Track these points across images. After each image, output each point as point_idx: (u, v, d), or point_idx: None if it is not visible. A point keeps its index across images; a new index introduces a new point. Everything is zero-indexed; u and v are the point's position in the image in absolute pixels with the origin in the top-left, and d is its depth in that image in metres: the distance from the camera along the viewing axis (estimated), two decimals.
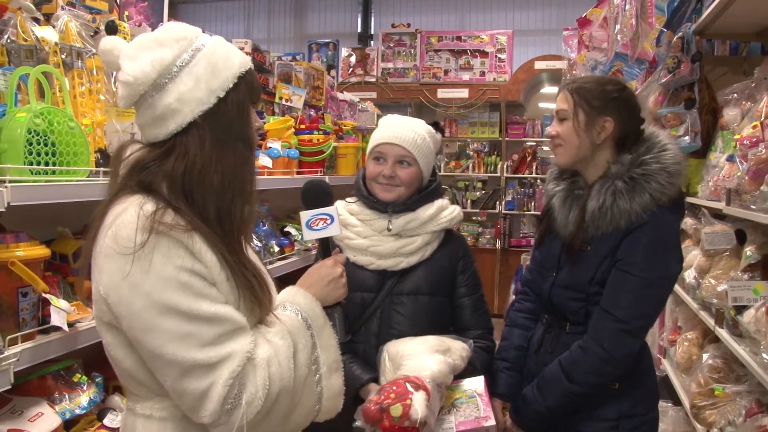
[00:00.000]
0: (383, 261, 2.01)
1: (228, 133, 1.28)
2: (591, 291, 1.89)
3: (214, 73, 1.26)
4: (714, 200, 2.55)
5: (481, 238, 7.86)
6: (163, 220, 1.18)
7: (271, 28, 9.79)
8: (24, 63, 1.83)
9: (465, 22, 8.85)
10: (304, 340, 1.34)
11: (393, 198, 2.03)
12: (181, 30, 1.30)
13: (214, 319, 1.19)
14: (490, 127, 7.88)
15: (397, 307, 2.01)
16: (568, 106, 1.93)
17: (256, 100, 1.38)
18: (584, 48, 4.34)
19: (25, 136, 1.55)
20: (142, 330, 1.18)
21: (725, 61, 3.41)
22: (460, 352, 1.90)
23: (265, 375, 1.22)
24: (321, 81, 4.46)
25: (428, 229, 2.03)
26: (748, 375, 2.12)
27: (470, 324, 2.09)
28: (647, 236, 1.82)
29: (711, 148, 2.82)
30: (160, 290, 1.16)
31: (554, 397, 1.90)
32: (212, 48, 1.29)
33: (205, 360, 1.17)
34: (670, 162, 1.85)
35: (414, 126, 2.07)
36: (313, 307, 1.41)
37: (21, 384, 1.67)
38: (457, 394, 1.89)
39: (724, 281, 2.24)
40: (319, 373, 1.37)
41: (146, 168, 1.26)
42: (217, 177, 1.26)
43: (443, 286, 2.06)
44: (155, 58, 1.25)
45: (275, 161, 2.99)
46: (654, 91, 3.27)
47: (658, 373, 3.33)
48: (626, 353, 1.85)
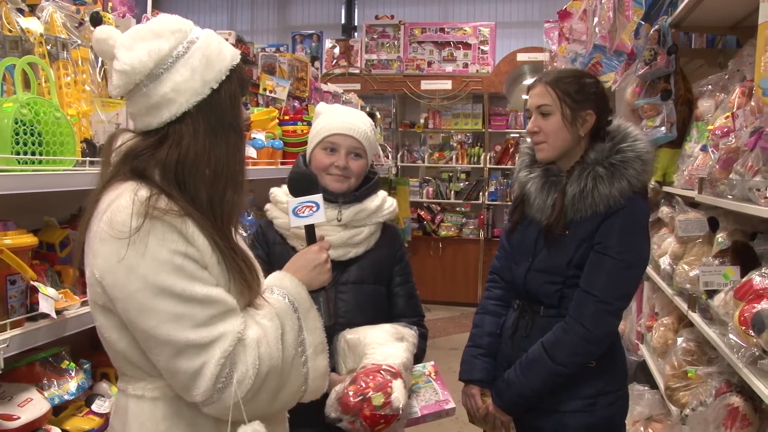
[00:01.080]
0: (332, 251, 1.94)
1: (221, 123, 1.32)
2: (569, 274, 1.95)
3: (209, 65, 1.31)
4: (688, 189, 2.61)
5: (464, 229, 7.92)
6: (157, 206, 1.23)
7: (254, 19, 9.75)
8: (9, 54, 1.83)
9: (448, 14, 8.88)
10: (291, 322, 1.39)
11: (344, 189, 2.03)
12: (176, 22, 1.35)
13: (206, 300, 1.24)
14: (473, 118, 7.93)
15: (342, 296, 2.02)
16: (551, 101, 1.96)
17: (245, 93, 1.44)
18: (565, 40, 4.39)
19: (12, 126, 1.56)
20: (137, 311, 1.23)
21: (702, 53, 3.49)
22: (413, 339, 1.96)
23: (255, 355, 1.27)
24: (305, 72, 4.48)
25: (374, 219, 2.06)
26: (719, 357, 2.18)
27: (405, 312, 2.12)
28: (624, 220, 1.90)
29: (686, 138, 2.89)
30: (155, 273, 1.21)
31: (538, 378, 1.95)
32: (206, 41, 1.34)
33: (198, 340, 1.22)
34: (643, 151, 1.95)
35: (362, 117, 2.09)
36: (299, 291, 1.46)
37: (10, 370, 1.68)
38: (413, 380, 1.95)
39: (696, 267, 2.31)
40: (306, 355, 1.41)
41: (139, 155, 1.31)
42: (210, 166, 1.30)
43: (383, 275, 2.10)
44: (152, 49, 1.28)
45: (259, 152, 3.02)
46: (631, 83, 3.33)
47: (635, 358, 3.41)
48: (607, 332, 1.93)
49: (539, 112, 1.99)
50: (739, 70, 2.53)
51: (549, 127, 1.97)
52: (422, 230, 7.93)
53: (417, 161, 8.15)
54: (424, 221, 7.94)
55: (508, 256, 2.17)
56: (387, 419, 1.70)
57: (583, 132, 1.97)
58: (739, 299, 1.80)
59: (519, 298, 2.10)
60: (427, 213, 8.00)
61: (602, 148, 1.95)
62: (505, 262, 2.18)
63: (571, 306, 1.93)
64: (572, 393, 1.98)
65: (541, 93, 1.99)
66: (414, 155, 8.16)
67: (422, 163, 8.14)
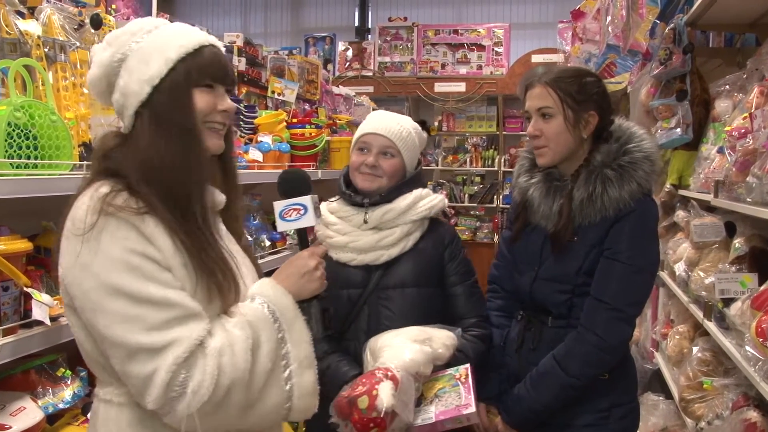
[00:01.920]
0: (364, 255, 1.98)
1: (167, 120, 1.29)
2: (578, 282, 1.87)
3: (146, 63, 1.28)
4: (704, 192, 2.54)
5: (478, 232, 7.85)
6: (113, 202, 1.21)
7: (267, 21, 9.75)
8: (7, 56, 1.82)
9: (462, 16, 8.82)
10: (267, 332, 1.31)
11: (374, 188, 2.00)
12: (131, 26, 1.34)
13: (162, 303, 1.19)
14: (487, 121, 7.86)
15: (385, 301, 1.98)
16: (552, 103, 1.87)
17: (213, 81, 1.35)
18: (578, 40, 4.33)
19: (4, 129, 1.54)
20: (91, 310, 1.20)
21: (719, 52, 3.40)
22: (444, 341, 1.87)
23: (215, 364, 1.20)
24: (316, 75, 4.45)
25: (406, 219, 1.99)
26: (736, 368, 2.11)
27: (464, 312, 2.04)
28: (636, 224, 1.83)
29: (703, 140, 2.82)
30: (108, 271, 1.18)
31: (550, 391, 1.88)
32: (152, 38, 1.31)
33: (150, 344, 1.17)
34: (651, 150, 1.87)
35: (400, 119, 2.06)
36: (281, 299, 1.37)
37: (4, 378, 1.67)
38: (441, 383, 1.85)
39: (712, 273, 2.24)
40: (289, 369, 1.33)
41: (110, 155, 1.31)
42: (162, 164, 1.26)
43: (430, 276, 2.02)
44: (99, 60, 1.32)
45: (266, 155, 2.98)
46: (646, 83, 3.26)
47: (650, 366, 3.33)
48: (621, 340, 1.86)
49: (539, 114, 1.90)
50: (758, 69, 2.46)
51: (550, 131, 1.88)
52: None
53: (431, 164, 8.08)
54: None
55: (508, 265, 2.09)
56: (377, 423, 1.62)
57: (585, 134, 1.89)
58: (756, 309, 1.73)
59: (523, 309, 2.02)
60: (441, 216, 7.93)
61: (609, 150, 1.87)
62: (504, 271, 2.11)
63: (583, 315, 1.86)
64: (585, 407, 1.90)
65: (540, 94, 1.90)
66: (428, 158, 8.10)
67: (436, 166, 8.08)
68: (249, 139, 3.07)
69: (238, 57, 3.62)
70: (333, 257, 2.00)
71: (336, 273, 1.98)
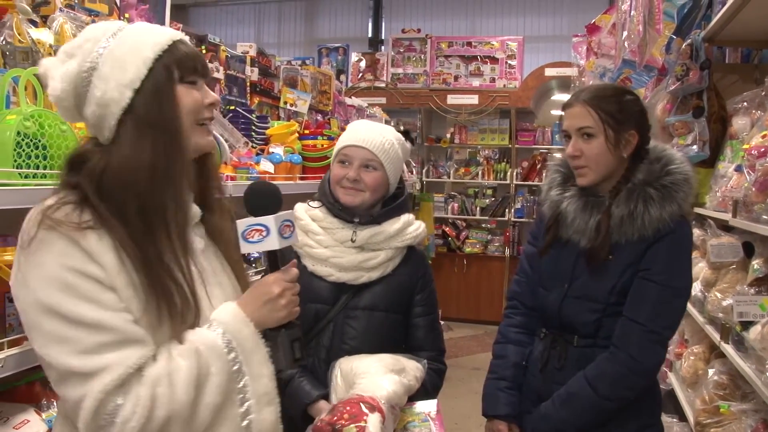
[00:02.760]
0: (343, 274, 1.92)
1: (148, 124, 1.20)
2: (610, 301, 1.84)
3: (122, 67, 1.19)
4: (721, 211, 2.49)
5: (489, 246, 7.81)
6: (53, 215, 1.14)
7: (281, 32, 9.81)
8: (20, 65, 1.81)
9: (475, 28, 8.83)
10: (219, 363, 1.21)
11: (357, 203, 1.94)
12: (88, 33, 1.25)
13: (96, 326, 1.12)
14: (500, 134, 7.84)
15: (351, 321, 1.93)
16: (593, 122, 1.84)
17: (195, 75, 1.28)
18: (593, 55, 4.30)
19: (14, 138, 1.52)
20: (29, 328, 1.15)
21: (736, 68, 3.35)
22: (415, 372, 1.84)
23: (148, 395, 1.12)
24: (328, 86, 4.44)
25: (393, 244, 1.95)
26: (755, 393, 2.06)
27: (423, 345, 2.01)
28: (673, 245, 1.80)
29: (720, 157, 2.77)
30: (43, 288, 1.12)
31: (580, 412, 1.84)
32: (119, 41, 1.22)
33: (80, 368, 1.10)
34: (690, 174, 1.85)
35: (382, 131, 2.00)
36: (240, 328, 1.26)
37: (8, 390, 1.65)
38: (410, 417, 1.81)
39: (730, 295, 2.19)
40: (247, 404, 1.24)
41: (77, 166, 1.22)
42: (139, 171, 1.18)
43: (400, 303, 1.99)
44: (63, 73, 1.22)
45: (277, 166, 2.97)
46: (662, 99, 3.22)
47: (663, 386, 3.27)
48: (655, 362, 1.83)
49: (580, 134, 1.87)
50: None
51: (591, 151, 1.85)
52: (447, 246, 7.84)
53: (442, 176, 8.07)
54: (449, 237, 7.85)
55: (530, 281, 2.05)
56: None
57: (626, 153, 1.87)
58: None
59: (547, 327, 1.98)
60: (452, 229, 7.90)
61: (651, 169, 1.84)
62: (526, 287, 2.07)
63: (616, 335, 1.82)
64: (612, 428, 1.86)
65: (580, 114, 1.86)
66: (439, 170, 8.09)
67: (448, 179, 8.06)
68: (261, 150, 3.06)
69: (251, 67, 3.63)
70: (308, 268, 1.94)
71: (308, 284, 1.90)
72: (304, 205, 2.04)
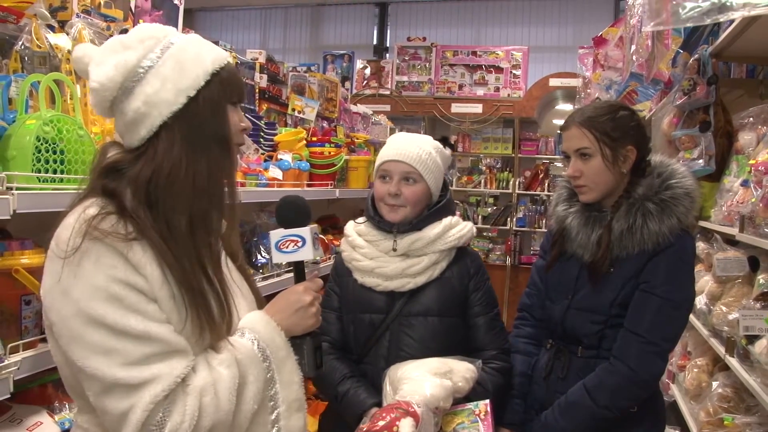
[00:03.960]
0: (390, 282, 1.96)
1: (200, 134, 1.21)
2: (612, 313, 1.87)
3: (182, 71, 1.20)
4: (727, 225, 2.51)
5: (491, 255, 7.82)
6: (99, 226, 1.13)
7: (287, 38, 9.83)
8: (37, 70, 1.83)
9: (480, 37, 8.85)
10: (256, 371, 1.24)
11: (399, 219, 1.98)
12: (149, 30, 1.24)
13: (143, 337, 1.12)
14: (503, 143, 7.85)
15: (407, 329, 1.96)
16: (589, 143, 1.88)
17: (237, 99, 1.30)
18: (599, 67, 4.32)
19: (33, 143, 1.54)
20: (68, 339, 1.13)
21: (741, 83, 3.38)
22: (464, 374, 1.84)
23: (196, 405, 1.13)
24: (334, 93, 4.46)
25: (435, 248, 1.97)
26: (759, 406, 2.07)
27: (485, 344, 2.02)
28: (673, 259, 1.82)
29: (725, 171, 2.79)
30: (88, 299, 1.11)
31: (579, 421, 1.86)
32: (181, 46, 1.23)
33: (127, 379, 1.10)
34: (691, 188, 1.87)
35: (419, 142, 2.02)
36: (273, 336, 1.29)
37: (21, 392, 1.66)
38: (460, 418, 1.83)
39: (735, 309, 2.20)
40: (277, 411, 1.27)
41: (116, 171, 1.21)
42: (188, 181, 1.19)
43: (454, 306, 2.00)
44: (119, 62, 1.19)
45: (285, 173, 2.98)
46: (669, 113, 3.24)
47: (666, 398, 3.28)
48: (654, 374, 1.85)
49: (578, 155, 1.91)
50: None
51: (590, 171, 1.89)
52: None
53: None
54: None
55: (540, 294, 2.08)
56: None
57: (625, 169, 1.90)
58: None
59: (553, 338, 2.01)
60: None
61: (651, 184, 1.87)
62: (536, 300, 2.10)
63: (616, 347, 1.85)
64: None
65: (576, 135, 1.91)
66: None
67: (450, 187, 8.04)
68: (269, 156, 3.07)
69: (260, 74, 3.64)
70: (358, 281, 2.00)
71: (360, 296, 1.99)
72: (352, 222, 2.11)
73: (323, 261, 3.28)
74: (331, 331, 2.03)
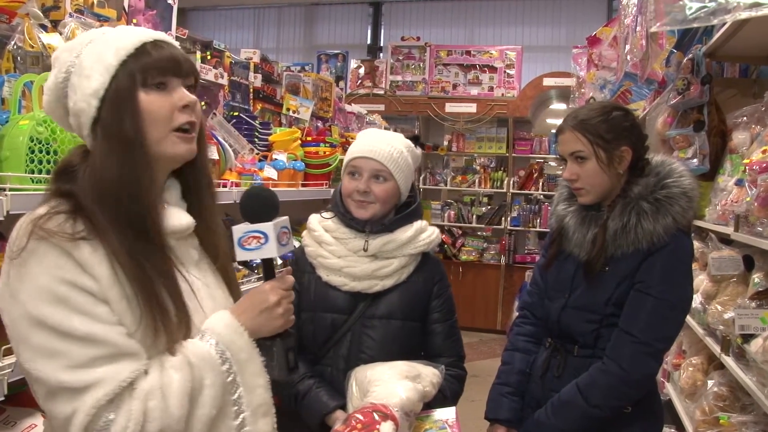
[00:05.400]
0: (357, 283, 1.92)
1: (114, 134, 1.17)
2: (606, 312, 1.87)
3: (88, 77, 1.17)
4: (722, 224, 2.52)
5: (485, 254, 7.82)
6: (45, 225, 1.10)
7: (280, 37, 9.81)
8: (30, 70, 1.82)
9: (474, 37, 8.86)
10: (213, 375, 1.19)
11: (368, 216, 1.94)
12: (70, 42, 1.24)
13: (88, 339, 1.08)
14: (497, 142, 7.87)
15: (368, 330, 1.93)
16: (583, 146, 1.88)
17: (160, 79, 1.20)
18: (593, 67, 4.33)
19: (27, 144, 1.53)
20: (16, 341, 1.10)
21: (735, 83, 3.39)
22: (431, 378, 1.83)
23: (141, 409, 1.09)
24: (329, 93, 4.46)
25: (405, 251, 1.95)
26: (754, 405, 2.08)
27: (442, 351, 2.01)
28: (668, 258, 1.82)
29: (719, 171, 2.80)
30: (33, 300, 1.08)
31: (571, 420, 1.87)
32: (90, 49, 1.19)
33: (71, 383, 1.07)
34: (689, 187, 1.87)
35: (391, 140, 1.98)
36: (234, 339, 1.23)
37: (15, 394, 1.64)
38: (427, 424, 1.80)
39: (730, 308, 2.21)
40: (242, 416, 1.22)
41: (68, 172, 1.20)
42: (114, 182, 1.15)
43: (416, 310, 1.98)
44: (48, 85, 1.22)
45: (280, 173, 2.98)
46: (663, 113, 3.25)
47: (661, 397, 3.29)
48: (646, 374, 1.84)
49: (573, 158, 1.91)
50: None
51: (586, 174, 1.89)
52: (443, 254, 7.83)
53: (439, 184, 8.09)
54: (445, 245, 7.85)
55: (541, 293, 2.09)
56: None
57: (621, 169, 1.90)
58: None
59: (551, 336, 2.02)
60: (448, 236, 7.91)
61: (646, 183, 1.87)
62: (537, 299, 2.10)
63: (609, 346, 1.85)
64: None
65: (571, 139, 1.91)
66: (436, 178, 8.11)
67: (444, 186, 8.07)
68: (264, 156, 3.07)
69: (254, 73, 3.64)
70: (323, 278, 1.95)
71: (323, 295, 1.95)
72: (318, 216, 2.05)
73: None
74: None
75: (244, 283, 2.52)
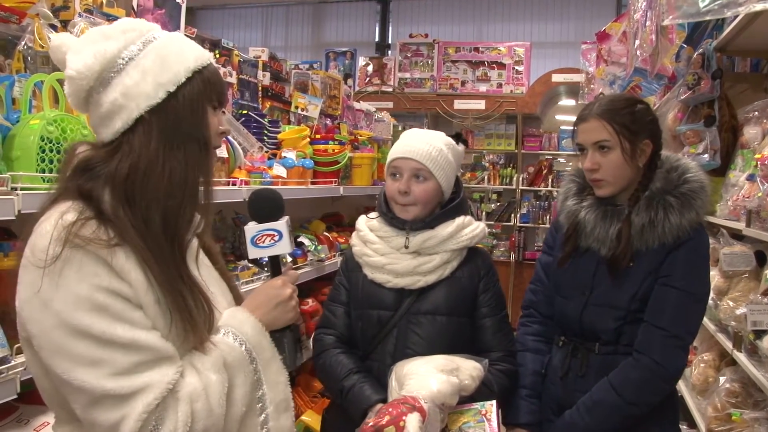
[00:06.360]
0: (400, 279, 1.95)
1: (178, 130, 1.17)
2: (632, 308, 1.85)
3: (164, 65, 1.16)
4: (733, 220, 2.50)
5: (495, 251, 7.80)
6: (80, 233, 1.08)
7: (288, 35, 9.83)
8: (40, 69, 1.83)
9: (483, 34, 8.84)
10: (243, 374, 1.23)
11: (410, 218, 1.97)
12: (132, 23, 1.21)
13: (131, 345, 1.09)
14: (506, 139, 7.84)
15: (414, 327, 1.95)
16: (609, 135, 1.84)
17: (219, 101, 1.26)
18: (603, 62, 4.31)
19: (37, 143, 1.54)
20: (51, 351, 1.08)
21: (746, 78, 3.37)
22: (470, 372, 1.82)
23: (188, 411, 1.11)
24: (337, 90, 4.46)
25: (447, 247, 1.96)
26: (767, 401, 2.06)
27: (491, 345, 2.00)
28: (692, 252, 1.81)
29: (730, 166, 2.78)
30: (71, 310, 1.06)
31: (606, 418, 1.84)
32: (164, 41, 1.20)
33: (117, 390, 1.07)
34: (706, 183, 1.86)
35: (430, 138, 1.99)
36: (260, 339, 1.28)
37: (28, 392, 1.65)
38: (466, 417, 1.81)
39: (742, 304, 2.20)
40: (265, 413, 1.26)
41: (90, 170, 1.16)
42: (164, 177, 1.15)
43: (463, 306, 1.98)
44: (99, 51, 1.15)
45: (290, 171, 2.98)
46: (673, 108, 3.23)
47: None
48: (678, 367, 1.83)
49: (596, 147, 1.87)
50: None
51: (609, 164, 1.86)
52: None
53: None
54: None
55: (546, 290, 2.06)
56: None
57: (641, 163, 1.88)
58: None
59: (567, 335, 1.98)
60: None
61: (669, 178, 1.85)
62: (542, 296, 2.08)
63: (638, 341, 1.83)
64: None
65: (595, 127, 1.87)
66: None
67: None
68: (273, 154, 3.07)
69: (263, 71, 3.64)
70: (368, 276, 1.99)
71: (369, 292, 1.99)
72: (364, 217, 2.09)
73: (328, 258, 3.28)
74: (338, 325, 2.03)
75: (254, 281, 2.53)
